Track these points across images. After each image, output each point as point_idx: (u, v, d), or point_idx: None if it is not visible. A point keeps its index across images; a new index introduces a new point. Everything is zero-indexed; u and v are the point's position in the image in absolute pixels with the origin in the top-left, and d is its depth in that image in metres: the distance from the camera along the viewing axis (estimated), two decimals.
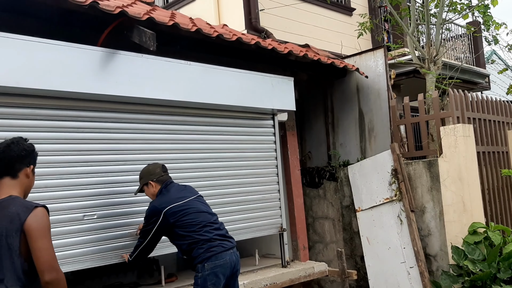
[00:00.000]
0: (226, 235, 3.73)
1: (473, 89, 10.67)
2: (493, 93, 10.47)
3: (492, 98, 6.65)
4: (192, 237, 3.56)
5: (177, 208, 3.59)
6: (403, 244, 5.75)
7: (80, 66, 3.64)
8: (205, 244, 3.54)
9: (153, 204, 3.67)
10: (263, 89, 5.07)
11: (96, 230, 3.85)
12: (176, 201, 3.62)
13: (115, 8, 3.76)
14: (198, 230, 3.57)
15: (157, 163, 3.92)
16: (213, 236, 3.59)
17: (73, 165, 3.79)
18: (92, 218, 3.83)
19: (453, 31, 10.35)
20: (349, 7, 9.68)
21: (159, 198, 3.71)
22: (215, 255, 3.53)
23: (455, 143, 5.40)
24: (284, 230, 5.43)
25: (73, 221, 3.73)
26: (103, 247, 3.89)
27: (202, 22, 5.48)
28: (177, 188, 3.79)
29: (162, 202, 3.63)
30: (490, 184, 6.05)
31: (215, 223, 3.70)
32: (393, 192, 5.84)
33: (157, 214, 3.57)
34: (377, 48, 6.70)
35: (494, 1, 7.32)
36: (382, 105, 6.38)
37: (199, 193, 3.88)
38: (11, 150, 2.44)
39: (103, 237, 3.90)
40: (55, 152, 3.70)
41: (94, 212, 3.85)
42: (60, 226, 3.64)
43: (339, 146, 6.94)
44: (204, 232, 3.57)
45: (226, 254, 3.58)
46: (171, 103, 4.33)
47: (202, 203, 3.79)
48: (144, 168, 3.89)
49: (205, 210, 3.72)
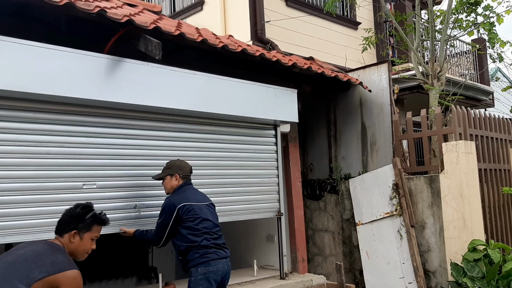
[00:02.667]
0: (222, 245, 3.89)
1: (477, 106, 10.67)
2: (497, 111, 10.48)
3: (495, 116, 6.66)
4: (192, 240, 3.71)
5: (189, 207, 3.76)
6: (402, 259, 5.73)
7: (86, 73, 3.69)
8: (201, 249, 3.70)
9: (170, 199, 3.83)
10: (267, 100, 5.11)
11: (94, 200, 3.85)
12: (190, 200, 3.80)
13: (123, 17, 3.80)
14: (199, 235, 3.73)
15: (187, 163, 4.07)
16: (210, 244, 3.75)
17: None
18: (91, 188, 3.89)
19: (458, 47, 10.39)
20: (354, 21, 9.73)
21: (176, 195, 3.87)
22: (209, 261, 3.70)
23: (456, 160, 5.41)
24: (281, 214, 5.48)
25: (72, 189, 3.79)
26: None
27: (208, 32, 5.53)
28: (193, 191, 3.98)
29: (177, 199, 3.80)
30: (491, 201, 6.04)
31: (216, 233, 3.86)
32: (394, 206, 5.84)
33: (172, 209, 3.74)
34: (381, 62, 6.74)
35: (499, 19, 7.37)
36: (385, 119, 6.40)
37: (211, 201, 4.04)
38: (63, 214, 2.70)
39: (102, 207, 3.89)
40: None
41: (94, 182, 3.91)
42: (60, 193, 3.71)
43: (341, 159, 6.95)
44: (204, 239, 3.73)
45: (219, 262, 3.76)
46: (175, 111, 4.37)
47: (211, 211, 3.94)
48: (175, 160, 4.07)
49: (210, 219, 3.86)
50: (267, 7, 7.94)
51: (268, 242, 6.10)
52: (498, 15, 7.34)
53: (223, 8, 8.30)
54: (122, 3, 5.09)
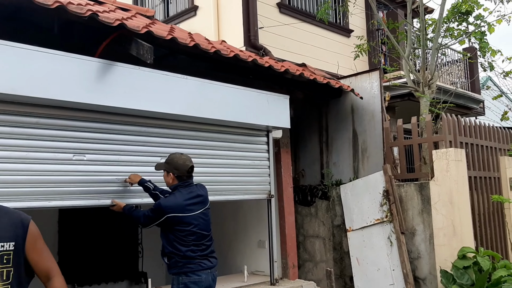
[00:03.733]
0: (209, 255, 3.78)
1: (468, 114, 10.75)
2: (488, 119, 10.56)
3: (485, 124, 6.72)
4: (177, 248, 3.64)
5: (179, 218, 3.64)
6: (392, 266, 5.75)
7: (77, 76, 3.68)
8: (184, 259, 3.63)
9: (161, 203, 3.70)
10: (259, 106, 5.12)
11: (84, 171, 3.90)
12: (182, 210, 3.65)
13: (114, 21, 3.81)
14: (185, 245, 3.64)
15: (187, 161, 3.82)
16: (195, 255, 3.67)
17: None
18: (81, 160, 3.88)
19: (449, 56, 10.48)
20: (347, 29, 9.80)
21: (169, 199, 3.74)
22: (190, 272, 3.63)
23: (447, 167, 5.44)
24: (272, 196, 5.45)
25: (62, 160, 3.78)
26: (90, 189, 3.93)
27: (201, 37, 5.54)
28: (190, 194, 3.76)
29: (169, 206, 3.64)
30: (481, 209, 6.08)
31: (204, 244, 3.74)
32: (384, 213, 5.85)
33: (161, 214, 3.65)
34: (372, 70, 6.78)
35: (490, 28, 7.44)
36: (376, 126, 6.43)
37: (208, 205, 3.88)
38: None
39: (91, 179, 3.94)
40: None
41: (84, 154, 3.90)
42: (50, 163, 3.71)
43: (333, 165, 6.96)
44: (189, 250, 3.64)
45: (203, 273, 3.67)
46: (166, 116, 4.37)
47: (204, 219, 3.79)
48: (175, 155, 3.86)
49: (202, 230, 3.73)
50: (260, 13, 7.97)
51: (259, 247, 6.09)
52: (489, 25, 7.42)
53: (217, 14, 8.32)
54: (115, 7, 5.10)
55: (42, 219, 5.86)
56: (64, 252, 6.13)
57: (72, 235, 6.23)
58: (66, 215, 6.20)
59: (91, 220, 6.31)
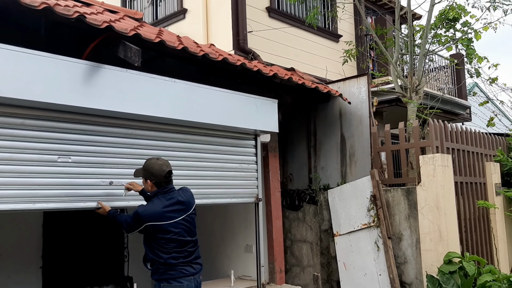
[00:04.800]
0: (193, 261, 3.72)
1: (454, 120, 10.86)
2: (474, 125, 10.66)
3: (472, 130, 6.78)
4: (158, 255, 3.61)
5: (158, 226, 3.58)
6: (379, 271, 5.76)
7: (64, 78, 3.63)
8: (165, 266, 3.60)
9: (139, 211, 3.60)
10: (247, 110, 5.11)
11: (69, 174, 3.85)
12: (160, 219, 3.58)
13: (102, 23, 3.78)
14: (167, 252, 3.59)
15: (164, 166, 3.72)
16: (177, 262, 3.62)
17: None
18: (67, 162, 3.83)
19: (436, 62, 10.58)
20: (336, 34, 9.85)
21: (147, 207, 3.66)
22: (171, 279, 3.60)
23: (433, 172, 5.48)
24: (260, 199, 5.43)
25: (47, 162, 3.73)
26: (75, 191, 3.88)
27: (189, 40, 5.52)
28: (170, 201, 3.68)
29: (147, 215, 3.57)
30: (467, 214, 6.12)
31: (187, 251, 3.69)
32: (371, 218, 5.87)
33: (140, 223, 3.60)
34: (361, 75, 6.82)
35: (477, 35, 7.53)
36: (364, 131, 6.46)
37: (192, 209, 3.80)
38: None
39: (77, 182, 3.89)
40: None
41: (69, 156, 3.85)
42: (35, 165, 3.66)
43: (320, 169, 6.98)
44: (170, 257, 3.59)
45: (185, 280, 3.62)
46: (153, 119, 4.32)
47: (186, 226, 3.71)
48: (151, 161, 3.77)
49: (183, 236, 3.67)
50: (249, 17, 7.98)
51: (246, 252, 6.07)
52: (475, 32, 7.51)
53: (206, 17, 8.31)
54: (103, 9, 5.07)
55: (27, 223, 5.82)
56: (49, 256, 6.05)
57: (56, 239, 6.15)
58: (50, 218, 6.12)
59: (76, 223, 6.24)
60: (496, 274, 5.20)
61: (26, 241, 5.87)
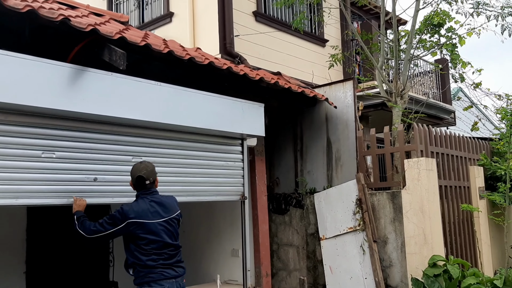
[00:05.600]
0: (174, 264, 3.73)
1: (439, 124, 10.97)
2: (458, 129, 10.78)
3: (456, 134, 6.86)
4: (138, 257, 3.62)
5: (140, 224, 3.61)
6: (365, 274, 5.79)
7: (48, 82, 3.59)
8: (146, 268, 3.60)
9: (123, 207, 3.65)
10: (233, 114, 5.11)
11: (53, 169, 3.81)
12: (143, 217, 3.63)
13: (87, 26, 3.75)
14: (146, 255, 3.61)
15: (138, 170, 3.81)
16: (157, 264, 3.63)
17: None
18: (50, 157, 3.78)
19: (421, 67, 10.69)
20: (322, 38, 9.90)
21: (131, 204, 3.71)
22: (152, 281, 3.60)
23: (418, 176, 5.53)
24: (245, 198, 5.41)
25: (31, 157, 3.67)
26: (59, 187, 3.83)
27: (176, 44, 5.51)
28: (152, 202, 3.75)
29: (132, 210, 3.63)
30: (451, 217, 6.18)
31: (167, 253, 3.70)
32: (357, 221, 5.90)
33: (123, 219, 3.60)
34: (346, 80, 6.86)
35: (461, 40, 7.63)
36: (350, 135, 6.50)
37: (175, 214, 3.84)
38: None
39: (60, 177, 3.84)
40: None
41: (53, 152, 3.80)
42: (18, 160, 3.60)
43: (307, 173, 7.00)
44: (150, 259, 3.61)
45: (166, 282, 3.63)
46: (139, 123, 4.29)
47: (167, 228, 3.74)
48: (135, 165, 3.90)
49: (162, 239, 3.69)
50: (236, 21, 7.99)
51: (233, 256, 6.06)
52: (460, 37, 7.60)
53: (192, 21, 8.31)
54: (88, 12, 5.04)
55: (10, 227, 5.74)
56: (32, 261, 5.98)
57: (40, 244, 6.08)
58: (34, 223, 6.05)
59: (60, 228, 6.17)
60: (480, 277, 5.25)
61: (10, 246, 5.79)
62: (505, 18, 7.04)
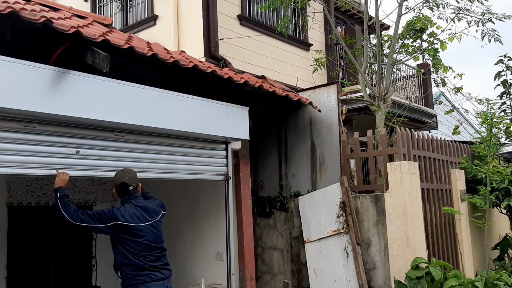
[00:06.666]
0: (161, 266, 3.82)
1: (421, 128, 11.10)
2: (440, 133, 10.91)
3: (438, 138, 6.95)
4: (126, 259, 3.69)
5: (127, 226, 3.71)
6: (348, 277, 5.82)
7: (29, 84, 3.54)
8: (134, 271, 3.67)
9: (114, 209, 3.75)
10: (218, 117, 5.10)
11: (34, 140, 3.76)
12: (130, 221, 3.73)
13: (70, 28, 3.72)
14: (133, 256, 3.70)
15: (120, 177, 3.94)
16: (145, 266, 3.71)
17: None
18: (32, 128, 3.74)
19: (404, 71, 10.81)
20: (306, 43, 9.96)
21: (121, 209, 3.79)
22: (140, 283, 3.66)
23: (400, 179, 5.58)
24: (229, 178, 5.40)
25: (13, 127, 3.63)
26: (40, 159, 3.79)
27: (160, 47, 5.49)
28: (137, 206, 3.85)
29: (121, 215, 3.72)
30: (433, 220, 6.25)
31: (154, 255, 3.80)
32: (341, 224, 5.93)
33: (110, 219, 3.68)
34: (330, 83, 6.91)
35: (443, 45, 7.74)
36: (333, 139, 6.54)
37: (159, 216, 3.95)
38: None
39: (42, 149, 3.80)
40: None
41: (34, 123, 3.75)
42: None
43: (291, 176, 7.02)
44: (137, 260, 3.70)
45: (153, 285, 3.70)
46: (122, 126, 4.26)
47: (153, 231, 3.85)
48: (116, 173, 4.01)
49: (150, 241, 3.79)
50: (221, 24, 7.99)
51: (217, 260, 6.04)
52: (441, 42, 7.72)
53: (177, 24, 8.28)
54: (71, 14, 5.00)
55: None
56: (13, 266, 5.88)
57: (22, 248, 5.99)
58: (15, 227, 5.96)
59: (42, 232, 6.09)
60: (461, 278, 5.32)
61: None
62: (485, 24, 7.17)
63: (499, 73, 11.02)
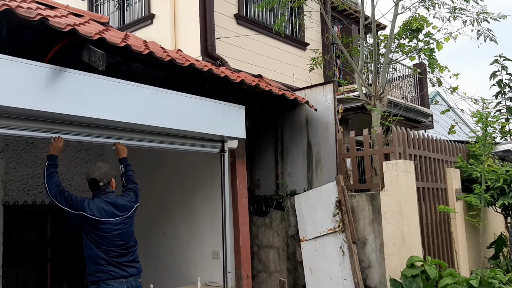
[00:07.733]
0: (124, 263, 3.79)
1: (417, 127, 11.13)
2: (436, 132, 10.95)
3: (433, 137, 6.98)
4: (89, 252, 3.72)
5: (94, 221, 3.72)
6: (344, 276, 5.84)
7: (25, 82, 3.54)
8: (95, 265, 3.68)
9: (84, 201, 3.76)
10: (214, 116, 5.11)
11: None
12: (97, 215, 3.75)
13: (66, 26, 3.71)
14: (96, 251, 3.70)
15: (89, 173, 4.00)
16: (106, 263, 3.70)
17: None
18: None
19: (400, 71, 10.84)
20: (303, 42, 9.97)
21: (90, 201, 3.82)
22: (100, 281, 3.66)
23: (396, 178, 5.60)
24: (225, 151, 5.43)
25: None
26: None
27: (156, 45, 5.49)
28: (106, 202, 3.86)
29: (88, 208, 3.74)
30: (428, 219, 6.28)
31: (117, 252, 3.78)
32: (337, 223, 5.95)
33: (78, 208, 3.71)
34: (326, 83, 6.93)
35: (439, 45, 7.77)
36: (330, 138, 6.56)
37: (129, 212, 3.96)
38: None
39: None
40: None
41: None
42: None
43: (287, 175, 7.03)
44: (100, 256, 3.70)
45: (114, 282, 3.69)
46: (118, 124, 4.26)
47: (121, 228, 3.85)
48: (89, 169, 4.08)
49: (115, 237, 3.79)
50: (217, 23, 8.00)
51: (213, 258, 6.05)
52: (437, 42, 7.74)
53: (174, 23, 8.29)
54: (67, 12, 4.99)
55: None
56: (10, 264, 5.88)
57: (18, 247, 5.98)
58: (11, 226, 5.95)
59: (38, 231, 6.09)
60: (456, 277, 5.34)
61: None
62: (480, 24, 7.19)
63: (495, 73, 11.08)
